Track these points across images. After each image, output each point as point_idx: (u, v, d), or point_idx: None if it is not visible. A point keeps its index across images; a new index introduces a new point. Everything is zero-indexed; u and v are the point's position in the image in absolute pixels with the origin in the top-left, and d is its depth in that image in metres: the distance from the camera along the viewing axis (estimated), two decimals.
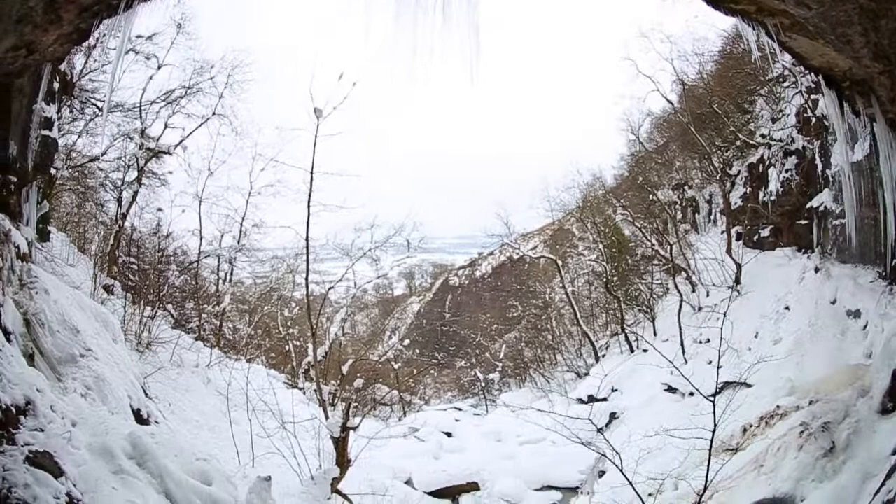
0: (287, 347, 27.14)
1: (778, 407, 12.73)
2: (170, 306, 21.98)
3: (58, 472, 6.03)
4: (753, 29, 7.68)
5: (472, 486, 19.05)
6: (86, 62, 18.06)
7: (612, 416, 21.05)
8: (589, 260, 35.12)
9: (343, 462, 12.99)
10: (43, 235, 13.42)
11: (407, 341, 40.29)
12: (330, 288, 24.17)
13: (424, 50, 6.98)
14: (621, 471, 8.40)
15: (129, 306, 17.76)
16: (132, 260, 22.67)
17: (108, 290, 17.91)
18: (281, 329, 27.54)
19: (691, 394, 16.59)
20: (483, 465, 19.95)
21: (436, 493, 18.68)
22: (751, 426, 12.97)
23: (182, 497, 7.63)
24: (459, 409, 29.81)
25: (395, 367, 32.33)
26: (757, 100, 26.70)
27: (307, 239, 18.74)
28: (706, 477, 8.25)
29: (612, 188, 38.39)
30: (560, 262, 34.81)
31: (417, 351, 44.96)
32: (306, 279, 19.98)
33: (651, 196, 30.79)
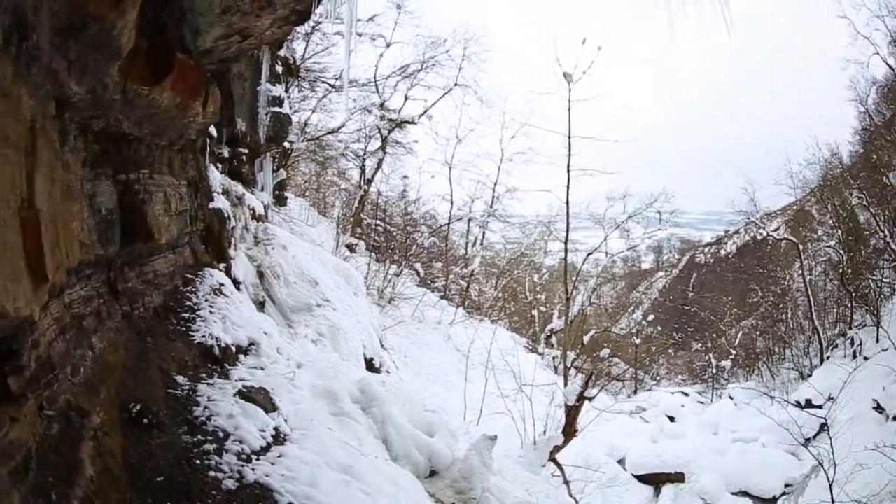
0: (532, 312, 27.28)
1: None
2: (417, 265, 23.21)
3: (270, 408, 6.23)
4: None
5: (678, 477, 17.87)
6: (306, 46, 19.91)
7: (823, 427, 17.77)
8: (827, 246, 29.33)
9: (570, 431, 12.38)
10: (280, 200, 15.13)
11: (651, 316, 38.32)
12: (589, 254, 23.82)
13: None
14: (830, 486, 6.74)
15: (374, 264, 19.11)
16: (377, 222, 24.46)
17: (350, 248, 19.57)
18: (528, 294, 27.73)
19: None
20: (695, 457, 18.54)
21: (643, 478, 17.91)
22: None
23: (399, 445, 7.65)
24: (686, 395, 27.38)
25: (636, 342, 30.90)
26: None
27: (567, 203, 18.47)
28: None
29: (849, 167, 31.45)
30: (801, 247, 29.73)
31: (659, 328, 42.63)
32: (565, 244, 19.76)
33: (884, 179, 24.50)
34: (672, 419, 22.84)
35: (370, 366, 11.14)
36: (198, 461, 4.61)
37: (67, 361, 3.74)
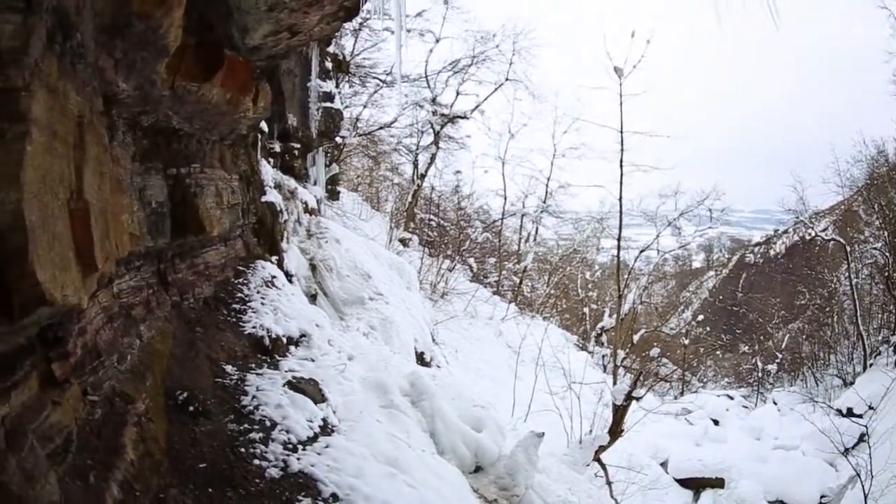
0: (584, 310, 27.00)
1: None
2: (471, 260, 23.21)
3: (319, 399, 6.26)
4: None
5: (718, 483, 17.38)
6: (355, 42, 20.09)
7: (862, 437, 16.84)
8: (873, 248, 27.49)
9: (616, 431, 12.14)
10: (333, 195, 15.35)
11: (701, 317, 37.19)
12: (641, 252, 23.48)
13: None
14: (865, 498, 6.32)
15: (427, 259, 19.23)
16: (431, 217, 24.54)
17: (404, 242, 19.68)
18: (580, 291, 27.43)
19: None
20: (735, 463, 17.95)
21: (683, 482, 17.53)
22: None
23: (447, 439, 7.61)
24: (731, 398, 26.67)
25: (685, 343, 30.07)
26: None
27: (620, 199, 18.09)
28: None
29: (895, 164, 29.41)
30: (848, 249, 28.18)
31: (708, 328, 41.35)
32: (618, 240, 19.35)
33: None
34: (716, 422, 22.19)
35: (421, 360, 11.16)
36: (242, 449, 4.68)
37: (114, 349, 3.86)
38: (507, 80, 24.74)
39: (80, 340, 3.35)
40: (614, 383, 14.41)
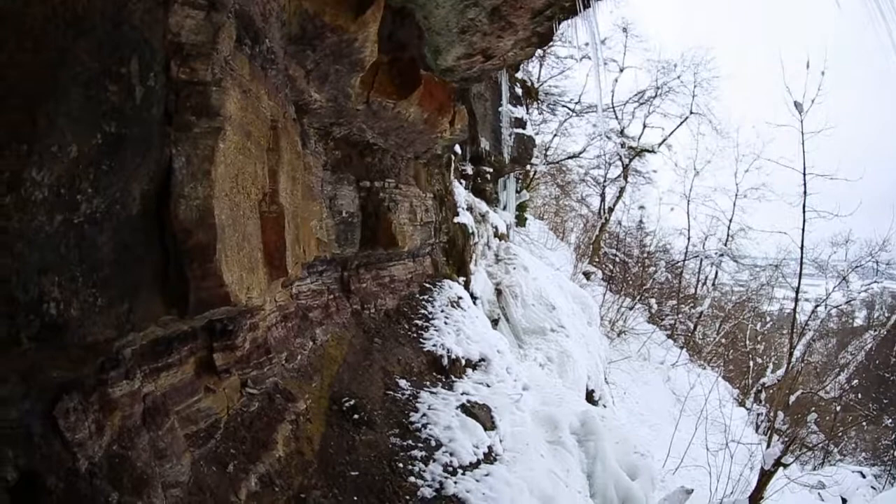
0: (748, 363, 24.15)
1: None
2: (652, 300, 22.11)
3: (490, 426, 6.09)
4: None
5: None
6: (540, 69, 19.84)
7: None
8: None
9: (756, 498, 10.76)
10: (521, 221, 15.13)
11: (856, 381, 30.62)
12: (816, 307, 20.42)
13: None
14: None
15: (609, 294, 18.40)
16: (615, 252, 23.65)
17: (587, 276, 19.03)
18: (748, 342, 24.54)
19: None
20: None
21: None
22: None
23: (601, 482, 7.20)
24: (863, 476, 21.40)
25: (837, 409, 24.93)
26: None
27: (802, 248, 16.06)
28: None
29: None
30: None
31: (860, 395, 33.90)
32: (796, 292, 17.34)
33: None
34: (844, 501, 18.10)
35: (590, 397, 10.55)
36: (401, 465, 4.54)
37: (284, 347, 3.93)
38: (691, 113, 23.27)
39: (249, 335, 3.41)
40: (767, 446, 12.81)
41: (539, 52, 16.94)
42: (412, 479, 4.46)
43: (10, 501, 1.88)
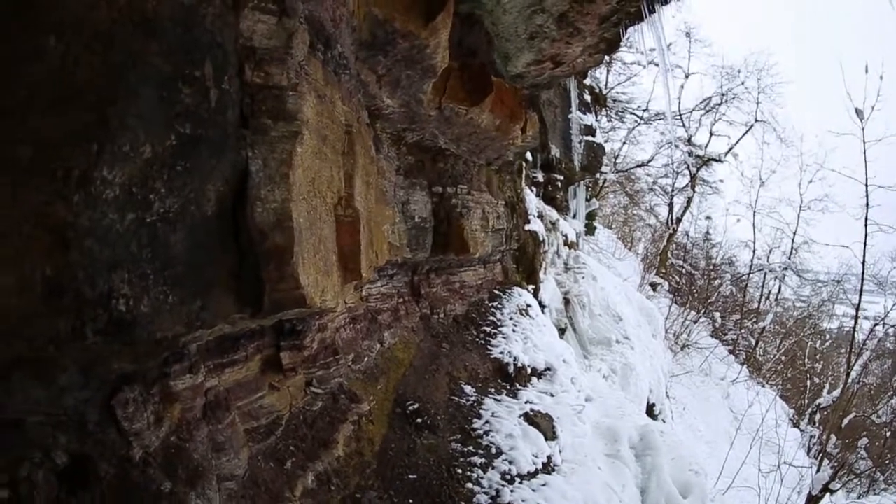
0: (806, 382, 22.51)
1: None
2: (717, 314, 21.20)
3: (551, 436, 5.96)
4: None
5: None
6: (607, 75, 19.20)
7: None
8: None
9: None
10: (590, 230, 14.68)
11: None
12: (875, 325, 18.87)
13: None
14: None
15: (675, 307, 17.75)
16: (681, 263, 22.82)
17: (654, 287, 18.37)
18: (807, 361, 22.85)
19: None
20: None
21: None
22: None
23: (654, 498, 6.93)
24: None
25: (887, 435, 22.44)
26: None
27: (863, 263, 14.69)
28: None
29: None
30: None
31: None
32: (856, 309, 16.06)
33: None
34: None
35: (650, 411, 10.18)
36: (459, 471, 4.45)
37: (352, 349, 3.91)
38: (756, 121, 22.10)
39: (318, 336, 3.40)
40: (818, 470, 11.98)
41: (606, 58, 16.53)
42: (469, 485, 4.38)
43: (58, 484, 1.91)
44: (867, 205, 14.28)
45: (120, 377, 2.07)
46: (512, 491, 4.54)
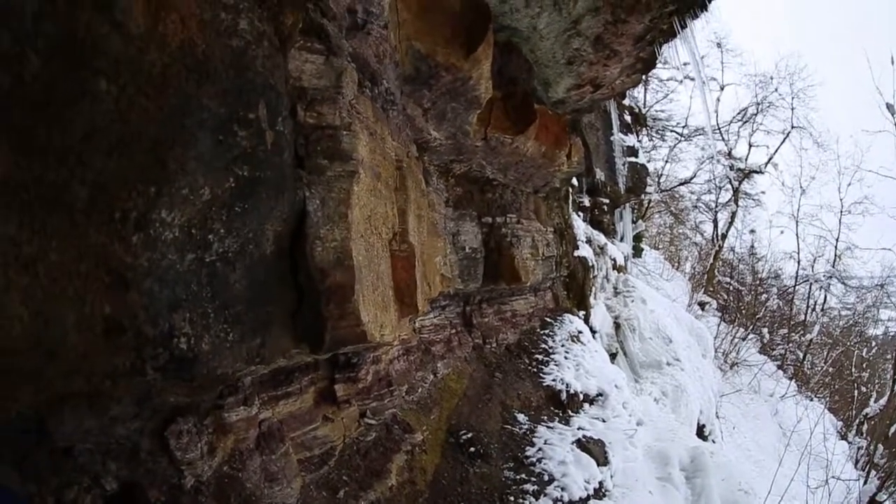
0: (853, 392, 20.96)
1: None
2: (765, 330, 20.23)
3: (603, 461, 5.80)
4: None
5: None
6: (645, 94, 18.87)
7: None
8: None
9: None
10: (637, 252, 14.28)
11: None
12: None
13: None
14: None
15: (723, 325, 17.12)
16: (728, 280, 21.95)
17: (702, 306, 17.72)
18: (854, 370, 21.30)
19: None
20: None
21: None
22: None
23: None
24: None
25: None
26: None
27: None
28: None
29: None
30: None
31: None
32: None
33: None
34: None
35: (700, 432, 9.77)
36: (511, 498, 4.31)
37: (405, 380, 3.84)
38: (792, 127, 21.25)
39: (373, 368, 3.35)
40: (864, 482, 11.40)
41: (643, 77, 16.27)
42: None
43: None
44: None
45: (173, 409, 2.05)
46: None
